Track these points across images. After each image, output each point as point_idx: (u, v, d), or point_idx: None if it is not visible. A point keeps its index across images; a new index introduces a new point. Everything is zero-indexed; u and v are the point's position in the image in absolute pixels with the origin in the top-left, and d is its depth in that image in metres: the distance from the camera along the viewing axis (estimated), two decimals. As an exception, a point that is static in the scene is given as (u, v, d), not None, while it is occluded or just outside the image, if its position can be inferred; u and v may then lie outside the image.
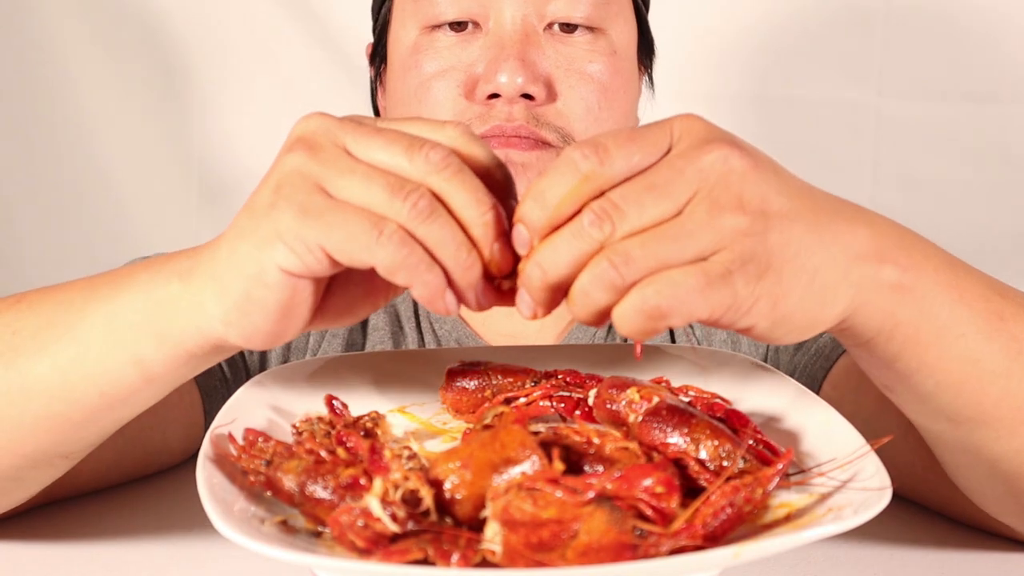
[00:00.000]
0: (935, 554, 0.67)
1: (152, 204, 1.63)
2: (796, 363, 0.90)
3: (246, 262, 0.49)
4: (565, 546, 0.43)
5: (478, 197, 0.48)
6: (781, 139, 1.52)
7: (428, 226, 0.47)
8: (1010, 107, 1.50)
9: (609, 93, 0.88)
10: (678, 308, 0.45)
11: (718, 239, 0.46)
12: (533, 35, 0.86)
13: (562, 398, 0.60)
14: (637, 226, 0.46)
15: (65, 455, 0.62)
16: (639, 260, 0.46)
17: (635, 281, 0.46)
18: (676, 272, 0.46)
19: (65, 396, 0.58)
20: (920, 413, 0.59)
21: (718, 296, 0.46)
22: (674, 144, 0.48)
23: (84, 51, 1.60)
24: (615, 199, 0.47)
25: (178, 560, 0.65)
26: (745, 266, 0.46)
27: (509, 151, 0.84)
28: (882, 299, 0.51)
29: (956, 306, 0.54)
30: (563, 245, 0.47)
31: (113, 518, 0.72)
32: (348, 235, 0.47)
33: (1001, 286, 0.57)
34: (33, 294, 0.62)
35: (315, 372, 0.66)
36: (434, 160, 0.48)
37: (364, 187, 0.47)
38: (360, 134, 0.49)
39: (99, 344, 0.56)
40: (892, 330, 0.52)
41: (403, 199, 0.47)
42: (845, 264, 0.50)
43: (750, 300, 0.47)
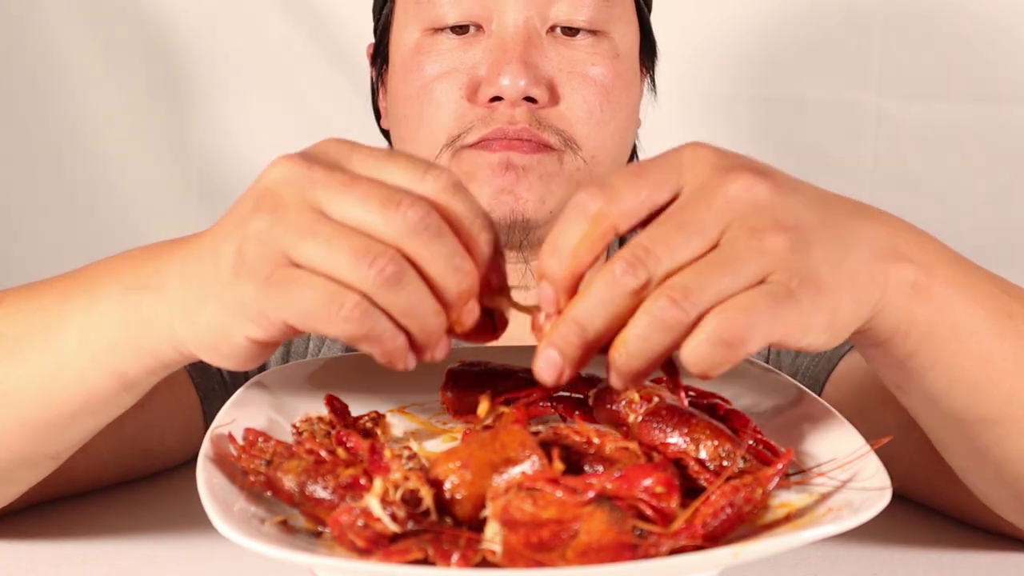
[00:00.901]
0: (935, 554, 0.67)
1: (152, 204, 1.63)
2: (798, 365, 0.90)
3: (213, 321, 0.48)
4: (565, 546, 0.43)
5: (455, 264, 0.46)
6: (781, 139, 1.52)
7: (395, 294, 0.45)
8: (1010, 107, 1.50)
9: (611, 96, 0.88)
10: (753, 333, 0.44)
11: (768, 261, 0.45)
12: (536, 38, 0.86)
13: (562, 398, 0.60)
14: (672, 267, 0.45)
15: (51, 456, 0.62)
16: (697, 292, 0.44)
17: (699, 315, 0.44)
18: (743, 298, 0.44)
19: (44, 404, 0.58)
20: (930, 413, 0.59)
21: (787, 315, 0.45)
22: (685, 176, 0.47)
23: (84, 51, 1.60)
24: (645, 243, 0.45)
25: (178, 560, 0.65)
26: (804, 282, 0.45)
27: (511, 154, 0.84)
28: (901, 298, 0.51)
29: (969, 304, 0.54)
30: (598, 299, 0.45)
31: (113, 518, 0.72)
32: (308, 309, 0.45)
33: (1006, 284, 0.58)
34: (11, 296, 0.62)
35: (315, 372, 0.66)
36: (411, 221, 0.45)
37: (327, 252, 0.45)
38: (333, 188, 0.46)
39: (76, 357, 0.56)
40: (909, 328, 0.52)
41: (368, 265, 0.44)
42: (871, 264, 0.50)
43: (815, 315, 0.46)
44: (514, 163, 0.84)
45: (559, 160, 0.86)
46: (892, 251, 0.51)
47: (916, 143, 1.52)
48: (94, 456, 0.67)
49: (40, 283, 0.62)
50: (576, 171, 0.86)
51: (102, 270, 0.58)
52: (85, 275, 0.59)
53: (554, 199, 0.86)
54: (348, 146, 0.49)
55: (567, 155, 0.86)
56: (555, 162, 0.85)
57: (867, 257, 0.50)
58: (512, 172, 0.84)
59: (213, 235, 0.50)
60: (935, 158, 1.52)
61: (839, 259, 0.48)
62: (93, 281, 0.57)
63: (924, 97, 1.51)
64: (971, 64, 1.50)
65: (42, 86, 1.61)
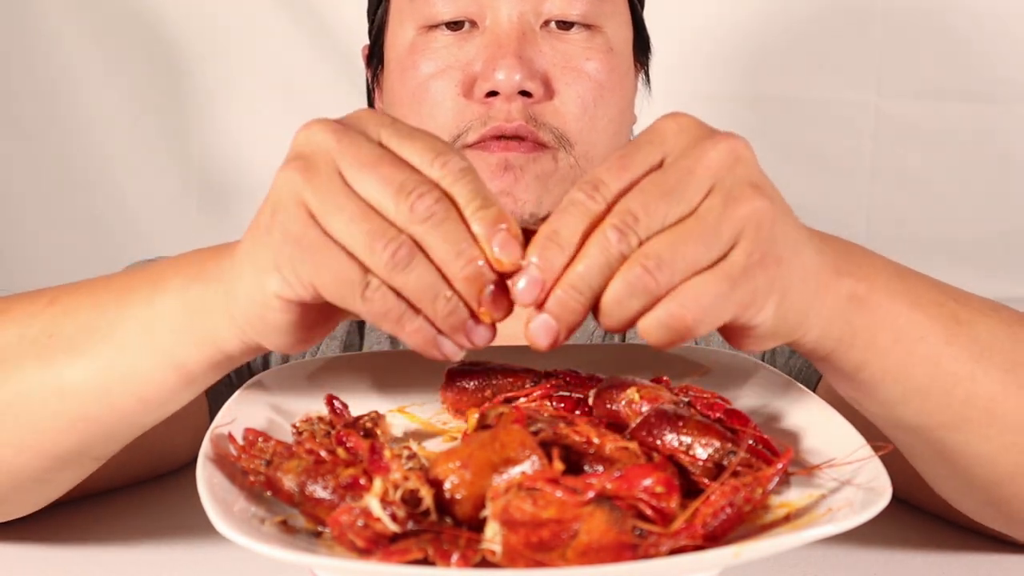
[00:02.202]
0: (935, 555, 0.67)
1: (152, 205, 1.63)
2: (791, 367, 0.90)
3: (251, 286, 0.50)
4: (565, 546, 0.43)
5: (459, 249, 0.47)
6: (780, 139, 1.52)
7: (405, 276, 0.46)
8: (1010, 107, 1.50)
9: (605, 91, 0.88)
10: (704, 318, 0.46)
11: (739, 228, 0.46)
12: (530, 33, 0.86)
13: (562, 398, 0.60)
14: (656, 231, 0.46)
15: (94, 457, 0.62)
16: (670, 263, 0.45)
17: (670, 286, 0.45)
18: (700, 281, 0.46)
19: (101, 400, 0.58)
20: (891, 424, 0.59)
21: (740, 294, 0.46)
22: (667, 146, 0.48)
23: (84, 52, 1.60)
24: (634, 210, 0.46)
25: (178, 560, 0.65)
26: (764, 258, 0.47)
27: (508, 155, 0.85)
28: (840, 310, 0.52)
29: (911, 311, 0.55)
30: (594, 265, 0.46)
31: (113, 519, 0.72)
32: (336, 282, 0.47)
33: (956, 291, 0.59)
34: (65, 296, 0.62)
35: (315, 372, 0.66)
36: (418, 209, 0.47)
37: (348, 229, 0.47)
38: (358, 162, 0.48)
39: (137, 350, 0.56)
40: (851, 339, 0.53)
41: (383, 247, 0.46)
42: (819, 270, 0.51)
43: (766, 293, 0.47)
44: (512, 164, 0.85)
45: (554, 159, 0.86)
46: (833, 265, 0.53)
47: (915, 143, 1.52)
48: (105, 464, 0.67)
49: (96, 281, 0.62)
50: (570, 169, 0.87)
51: (166, 266, 0.58)
52: (147, 272, 0.59)
53: (551, 198, 0.86)
54: (379, 119, 0.50)
55: (560, 153, 0.86)
56: (550, 161, 0.86)
57: (818, 263, 0.51)
58: (510, 173, 0.84)
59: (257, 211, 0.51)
60: (934, 158, 1.52)
61: (798, 245, 0.49)
62: (155, 277, 0.58)
63: (924, 97, 1.52)
64: (971, 64, 1.50)
65: (42, 87, 1.61)
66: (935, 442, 0.58)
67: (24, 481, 0.62)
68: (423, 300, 0.47)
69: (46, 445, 0.60)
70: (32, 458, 0.60)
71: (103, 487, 0.76)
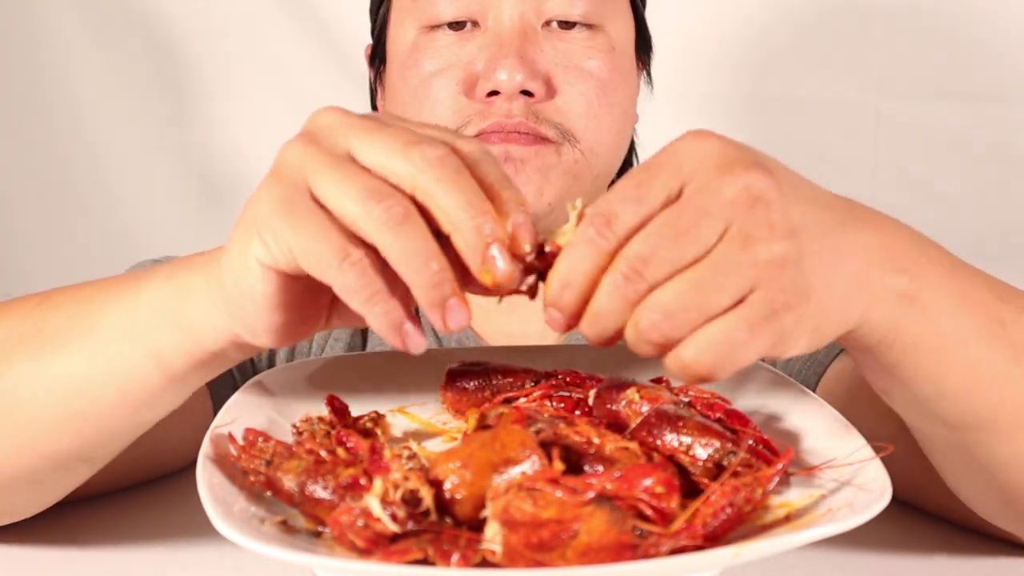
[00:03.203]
0: (935, 556, 0.67)
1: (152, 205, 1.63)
2: (791, 366, 0.90)
3: (232, 255, 0.50)
4: (565, 546, 0.43)
5: (471, 200, 0.46)
6: (780, 139, 1.52)
7: (397, 236, 0.45)
8: (1010, 107, 1.50)
9: (608, 89, 0.88)
10: (724, 365, 0.44)
11: (755, 275, 0.44)
12: (531, 32, 0.86)
13: (562, 398, 0.60)
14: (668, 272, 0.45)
15: (86, 459, 0.62)
16: (680, 315, 0.44)
17: (682, 335, 0.44)
18: (715, 329, 0.44)
19: (85, 393, 0.58)
20: (918, 417, 0.59)
21: (764, 339, 0.45)
22: (685, 175, 0.46)
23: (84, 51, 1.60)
24: (644, 253, 0.45)
25: (178, 560, 0.65)
26: (788, 301, 0.45)
27: (508, 147, 0.85)
28: (889, 308, 0.51)
29: (959, 314, 0.53)
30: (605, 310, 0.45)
31: (113, 519, 0.72)
32: (314, 248, 0.46)
33: (1001, 288, 0.57)
34: (57, 293, 0.62)
35: (315, 372, 0.66)
36: (429, 156, 0.46)
37: (340, 188, 0.46)
38: (367, 130, 0.48)
39: (118, 337, 0.56)
40: (894, 339, 0.52)
41: (377, 201, 0.45)
42: (862, 271, 0.50)
43: (795, 333, 0.46)
44: (512, 156, 0.85)
45: (557, 152, 0.86)
46: (887, 259, 0.51)
47: (915, 143, 1.52)
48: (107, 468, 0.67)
49: (93, 281, 0.62)
50: (574, 163, 0.87)
51: (157, 266, 0.59)
52: (132, 274, 0.60)
53: (552, 191, 0.86)
54: (392, 115, 0.51)
55: (564, 147, 0.86)
56: (553, 154, 0.86)
57: (860, 266, 0.50)
58: (511, 164, 0.84)
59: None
60: (934, 158, 1.52)
61: (832, 269, 0.48)
62: (144, 273, 0.58)
63: (924, 97, 1.51)
64: (971, 64, 1.50)
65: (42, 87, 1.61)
66: (962, 441, 0.58)
67: (17, 482, 0.62)
68: (411, 264, 0.45)
69: (37, 443, 0.60)
70: (24, 457, 0.60)
71: (105, 488, 0.76)
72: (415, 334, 0.47)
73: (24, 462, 0.61)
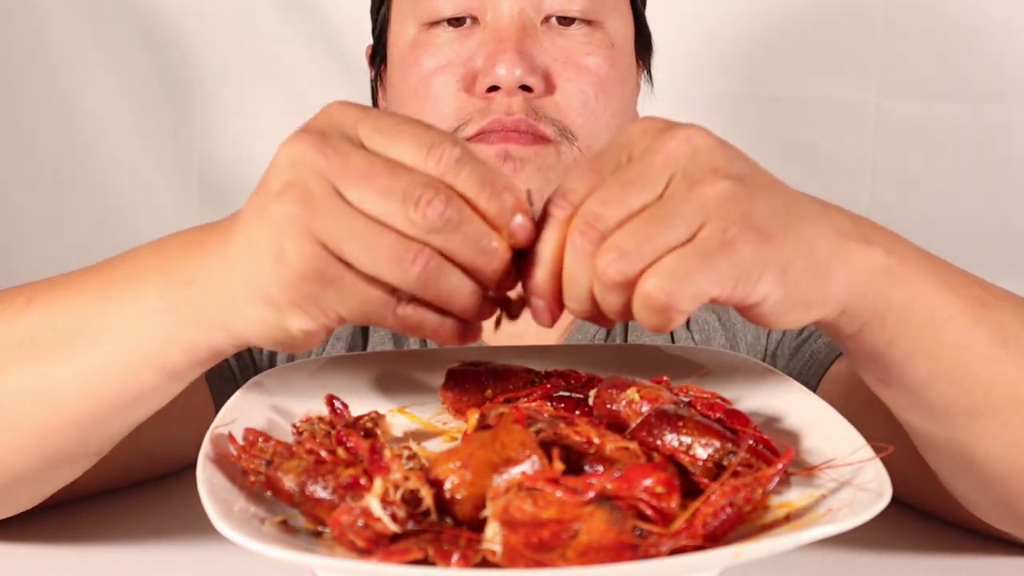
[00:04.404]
0: (935, 556, 0.67)
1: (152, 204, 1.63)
2: (791, 368, 0.90)
3: (267, 320, 0.49)
4: (565, 546, 0.43)
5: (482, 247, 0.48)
6: (780, 139, 1.52)
7: (437, 288, 0.47)
8: (1010, 107, 1.50)
9: (606, 86, 0.88)
10: (682, 294, 0.45)
11: (704, 211, 0.46)
12: (530, 28, 0.87)
13: (562, 398, 0.60)
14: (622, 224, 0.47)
15: (92, 454, 0.62)
16: (633, 252, 0.45)
17: (639, 272, 0.45)
18: (670, 258, 0.45)
19: (89, 402, 0.58)
20: (914, 409, 0.59)
21: (722, 268, 0.45)
22: (633, 146, 0.49)
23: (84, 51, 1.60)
24: (595, 208, 0.47)
25: (178, 560, 0.65)
26: (743, 231, 0.46)
27: (508, 146, 0.85)
28: (874, 281, 0.51)
29: (942, 291, 0.54)
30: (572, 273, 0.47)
31: (113, 519, 0.72)
32: (364, 308, 0.48)
33: (975, 276, 0.58)
34: (43, 295, 0.60)
35: (315, 372, 0.66)
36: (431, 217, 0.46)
37: (369, 253, 0.46)
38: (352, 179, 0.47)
39: (125, 355, 0.56)
40: (885, 313, 0.52)
41: (410, 264, 0.46)
42: (835, 239, 0.50)
43: (759, 267, 0.46)
44: (512, 155, 0.85)
45: (556, 152, 0.86)
46: (858, 234, 0.52)
47: (916, 143, 1.52)
48: (107, 467, 0.67)
49: (72, 277, 0.61)
50: (573, 162, 0.87)
51: (141, 264, 0.57)
52: (123, 270, 0.58)
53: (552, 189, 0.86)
54: (354, 115, 0.49)
55: (563, 146, 0.87)
56: (552, 154, 0.86)
57: (829, 230, 0.50)
58: (510, 164, 0.84)
59: (244, 224, 0.50)
60: (935, 158, 1.52)
61: (790, 218, 0.48)
62: (134, 277, 0.57)
63: (924, 97, 1.51)
64: (971, 64, 1.50)
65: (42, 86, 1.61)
66: (956, 432, 0.58)
67: (21, 481, 0.62)
68: (454, 303, 0.48)
69: (41, 446, 0.60)
70: (27, 460, 0.60)
71: (105, 487, 0.76)
72: (474, 330, 0.50)
73: (28, 464, 0.61)
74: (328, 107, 0.50)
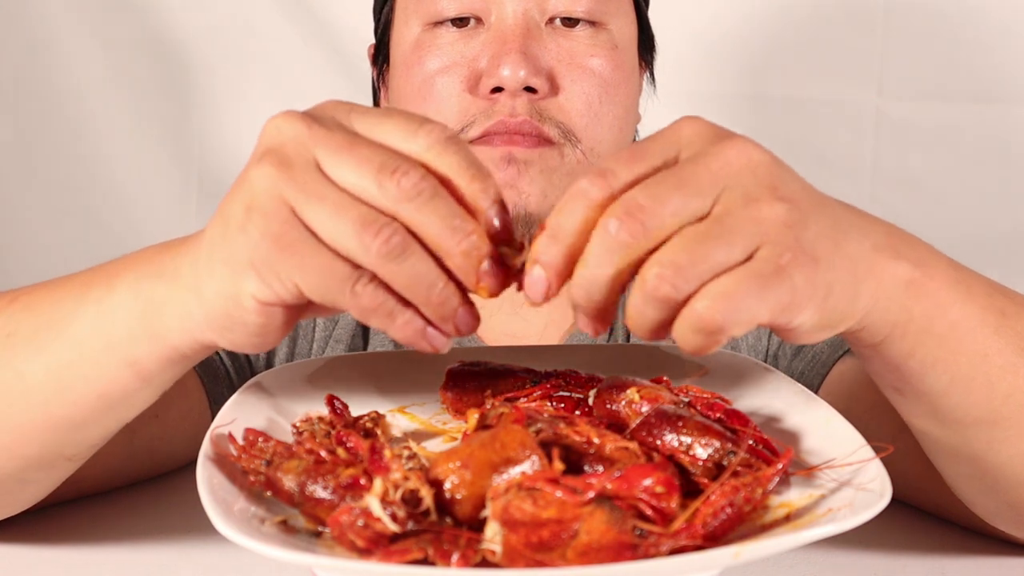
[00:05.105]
0: (935, 557, 0.67)
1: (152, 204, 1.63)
2: (793, 369, 0.90)
3: (222, 284, 0.48)
4: (565, 546, 0.43)
5: (452, 225, 0.46)
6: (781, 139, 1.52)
7: (399, 265, 0.45)
8: (1010, 107, 1.50)
9: (610, 87, 0.88)
10: (736, 318, 0.43)
11: (761, 231, 0.44)
12: (535, 29, 0.87)
13: (562, 398, 0.60)
14: (668, 227, 0.44)
15: (68, 457, 0.62)
16: (688, 268, 0.43)
17: (691, 292, 0.44)
18: (727, 280, 0.44)
19: (62, 398, 0.57)
20: (928, 417, 0.59)
21: (776, 295, 0.44)
22: (683, 147, 0.47)
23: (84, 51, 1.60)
24: (640, 200, 0.44)
25: (178, 560, 0.65)
26: (797, 257, 0.45)
27: (512, 148, 0.85)
28: (898, 294, 0.51)
29: (965, 302, 0.54)
30: (596, 259, 0.45)
31: (113, 519, 0.72)
32: (322, 280, 0.45)
33: (999, 285, 0.58)
34: (26, 294, 0.61)
35: (315, 372, 0.66)
36: (405, 187, 0.45)
37: (334, 220, 0.45)
38: (333, 148, 0.46)
39: (92, 346, 0.56)
40: (906, 324, 0.52)
41: (373, 235, 0.45)
42: (868, 255, 0.50)
43: (807, 294, 0.45)
44: (516, 157, 0.85)
45: (560, 154, 0.86)
46: (888, 247, 0.51)
47: (916, 143, 1.52)
48: (104, 465, 0.67)
49: (58, 279, 0.61)
50: (577, 164, 0.87)
51: (120, 264, 0.57)
52: (104, 270, 0.59)
53: (556, 193, 0.86)
54: (347, 106, 0.49)
55: (567, 148, 0.86)
56: (556, 156, 0.86)
57: (865, 251, 0.50)
58: (514, 166, 0.84)
59: (222, 204, 0.50)
60: (935, 158, 1.52)
61: (837, 239, 0.48)
62: (111, 274, 0.57)
63: (924, 97, 1.52)
64: (971, 64, 1.50)
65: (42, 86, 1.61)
66: (969, 439, 0.58)
67: (4, 483, 0.62)
68: (416, 290, 0.46)
69: (17, 445, 0.60)
70: (7, 460, 0.60)
71: (104, 487, 0.76)
72: (437, 336, 0.47)
73: (7, 464, 0.61)
74: (322, 102, 0.50)
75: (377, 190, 0.45)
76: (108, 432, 0.61)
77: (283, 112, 0.48)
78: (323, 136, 0.47)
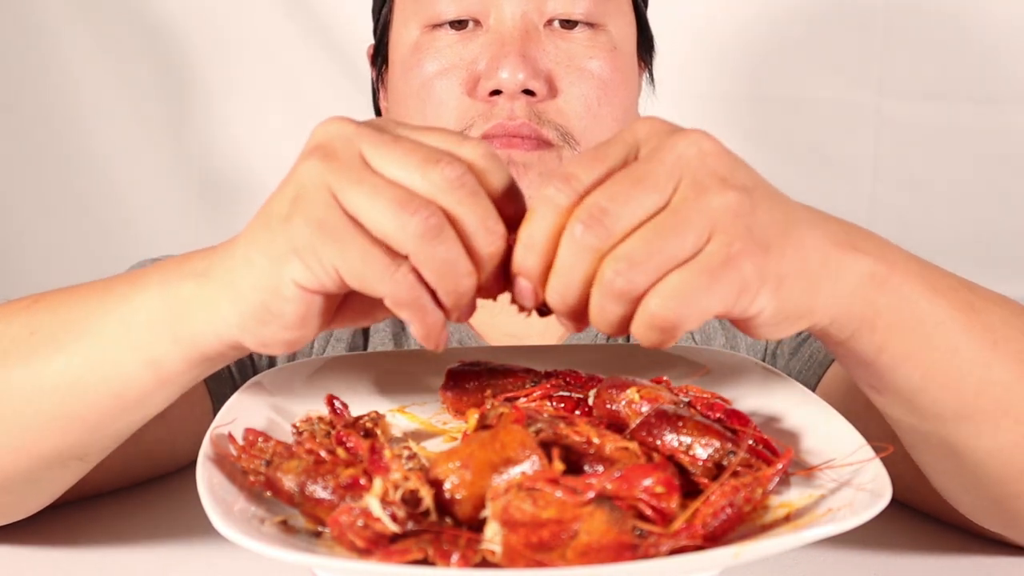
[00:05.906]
0: (935, 557, 0.67)
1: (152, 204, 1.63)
2: (791, 368, 0.90)
3: (262, 275, 0.49)
4: (565, 546, 0.43)
5: (488, 225, 0.47)
6: (781, 139, 1.52)
7: (434, 247, 0.46)
8: (1010, 107, 1.50)
9: (609, 89, 0.88)
10: (688, 313, 0.45)
11: (711, 221, 0.46)
12: (533, 31, 0.86)
13: (562, 398, 0.60)
14: (630, 225, 0.46)
15: (80, 457, 0.62)
16: (643, 262, 0.45)
17: (649, 285, 0.45)
18: (677, 277, 0.45)
19: (79, 396, 0.57)
20: (906, 414, 0.59)
21: (726, 286, 0.45)
22: (641, 145, 0.48)
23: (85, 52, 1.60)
24: (601, 202, 0.46)
25: (178, 560, 0.65)
26: (747, 246, 0.46)
27: (511, 152, 0.85)
28: (861, 288, 0.52)
29: (932, 296, 0.54)
30: (567, 265, 0.46)
31: (113, 519, 0.72)
32: (363, 264, 0.46)
33: (966, 280, 0.58)
34: (50, 296, 0.62)
35: (315, 372, 0.66)
36: (449, 177, 0.47)
37: (371, 201, 0.46)
38: (378, 143, 0.48)
39: (114, 344, 0.56)
40: (874, 319, 0.52)
41: (411, 214, 0.46)
42: (828, 248, 0.51)
43: (758, 281, 0.47)
44: (515, 161, 0.85)
45: (558, 157, 0.86)
46: (846, 241, 0.52)
47: (916, 143, 1.52)
48: (106, 467, 0.66)
49: (82, 284, 0.62)
50: None
51: (147, 269, 0.58)
52: (129, 274, 0.59)
53: None
54: (394, 121, 0.51)
55: (565, 151, 0.87)
56: (555, 159, 0.86)
57: (823, 243, 0.50)
58: (513, 169, 0.84)
59: (266, 202, 0.50)
60: (935, 158, 1.52)
61: (788, 229, 0.49)
62: (136, 276, 0.57)
63: (924, 97, 1.52)
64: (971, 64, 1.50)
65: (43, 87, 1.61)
66: (947, 435, 0.58)
67: (13, 482, 0.62)
68: (448, 277, 0.47)
69: (31, 444, 0.60)
70: (19, 458, 0.60)
71: (105, 487, 0.76)
72: (446, 334, 0.49)
73: (20, 463, 0.61)
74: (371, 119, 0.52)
75: (420, 179, 0.47)
76: (120, 435, 0.61)
77: (332, 116, 0.50)
78: (369, 133, 0.48)
